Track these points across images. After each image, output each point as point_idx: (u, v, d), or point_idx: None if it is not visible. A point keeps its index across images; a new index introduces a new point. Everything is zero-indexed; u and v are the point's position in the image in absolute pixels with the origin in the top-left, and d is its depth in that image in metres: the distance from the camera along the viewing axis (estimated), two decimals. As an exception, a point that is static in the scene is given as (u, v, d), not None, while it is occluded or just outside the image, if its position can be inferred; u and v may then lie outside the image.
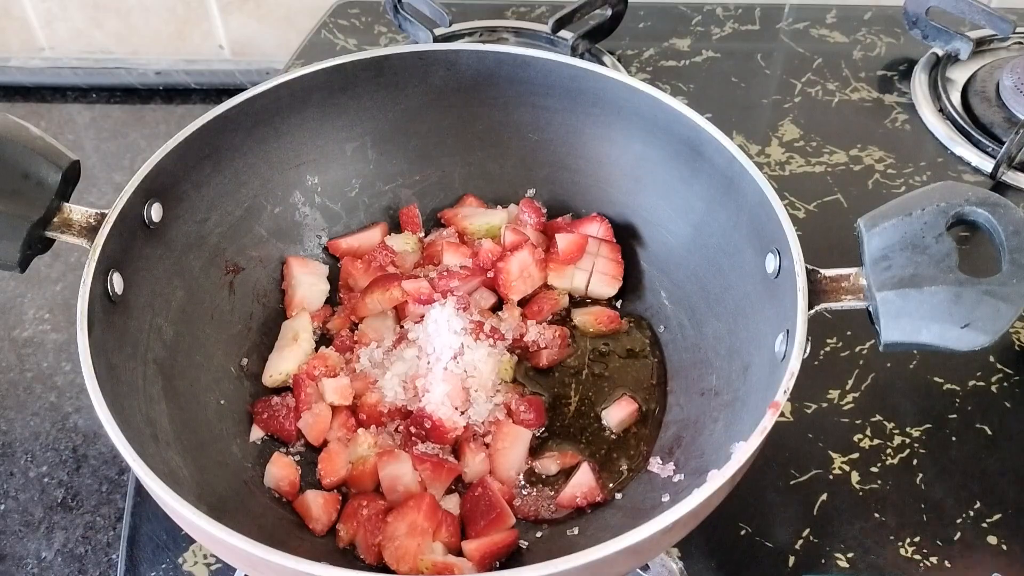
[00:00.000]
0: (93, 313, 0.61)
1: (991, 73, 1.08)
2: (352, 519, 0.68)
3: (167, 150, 0.70)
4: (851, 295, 0.63)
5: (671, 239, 0.80)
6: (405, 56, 0.80)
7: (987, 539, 0.72)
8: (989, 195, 0.62)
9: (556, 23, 1.05)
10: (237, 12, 1.28)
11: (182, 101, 1.30)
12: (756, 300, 0.69)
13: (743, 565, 0.71)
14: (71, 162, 0.67)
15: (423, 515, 0.66)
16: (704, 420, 0.71)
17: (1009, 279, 0.59)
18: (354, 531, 0.67)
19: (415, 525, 0.65)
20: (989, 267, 0.60)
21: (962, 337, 0.59)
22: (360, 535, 0.67)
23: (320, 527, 0.68)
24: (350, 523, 0.68)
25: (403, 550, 0.65)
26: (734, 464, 0.55)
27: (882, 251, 0.61)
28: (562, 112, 0.81)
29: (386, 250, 0.83)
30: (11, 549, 0.81)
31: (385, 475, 0.69)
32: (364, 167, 0.85)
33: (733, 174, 0.70)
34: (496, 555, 0.66)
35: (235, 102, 0.75)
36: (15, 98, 1.29)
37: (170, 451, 0.64)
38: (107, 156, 1.21)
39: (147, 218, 0.69)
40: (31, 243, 0.65)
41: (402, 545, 0.65)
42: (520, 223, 0.84)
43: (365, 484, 0.70)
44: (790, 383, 0.58)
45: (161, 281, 0.72)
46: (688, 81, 1.10)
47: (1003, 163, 0.97)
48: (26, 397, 0.92)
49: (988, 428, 0.79)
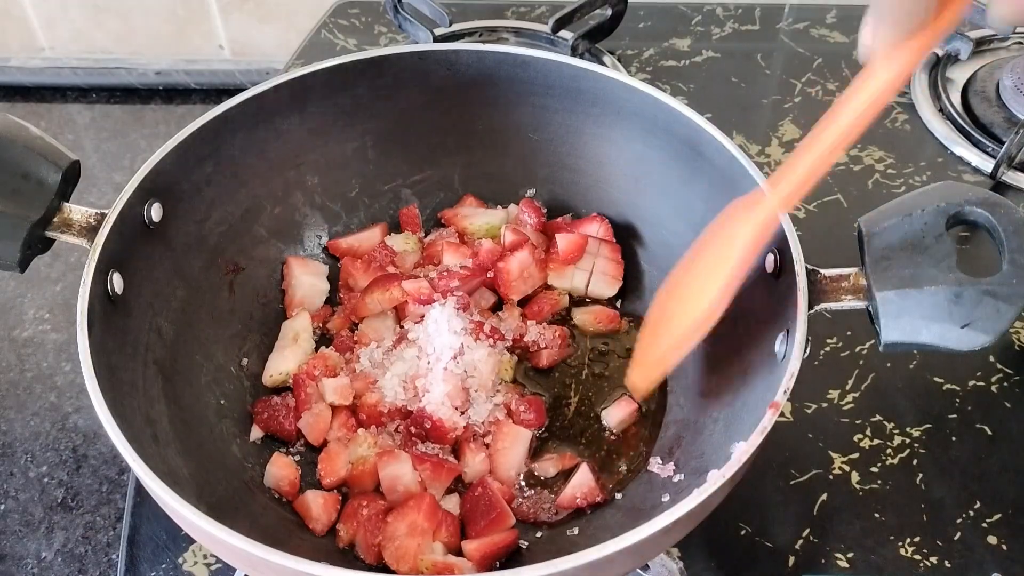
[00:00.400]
0: (93, 313, 0.61)
1: (991, 73, 1.07)
2: (352, 519, 0.68)
3: (167, 150, 0.70)
4: (851, 295, 0.63)
5: (671, 239, 0.80)
6: (405, 56, 0.80)
7: (987, 539, 0.72)
8: (989, 195, 0.62)
9: (556, 23, 1.05)
10: (237, 12, 1.28)
11: (182, 101, 1.30)
12: (756, 300, 0.69)
13: (743, 565, 0.71)
14: (71, 162, 0.67)
15: (423, 515, 0.66)
16: (704, 420, 0.71)
17: (1009, 279, 0.59)
18: (354, 531, 0.67)
19: (415, 525, 0.65)
20: (989, 267, 0.60)
21: (962, 337, 0.60)
22: (360, 535, 0.67)
23: (320, 527, 0.68)
24: (350, 523, 0.68)
25: (403, 550, 0.65)
26: (734, 464, 0.55)
27: (882, 251, 0.61)
28: (562, 112, 0.81)
29: (386, 250, 0.83)
30: (11, 549, 0.81)
31: (385, 475, 0.69)
32: (364, 167, 0.85)
33: (733, 174, 0.70)
34: (496, 555, 0.66)
35: (235, 102, 0.75)
36: (15, 98, 1.29)
37: (170, 451, 0.64)
38: (107, 156, 1.21)
39: (147, 218, 0.69)
40: (31, 243, 0.65)
41: (402, 545, 0.65)
42: (520, 223, 0.84)
43: (365, 484, 0.70)
44: (790, 383, 0.58)
45: (161, 281, 0.71)
46: (688, 81, 1.10)
47: (1003, 163, 0.97)
48: (26, 397, 0.92)
49: (988, 428, 0.79)
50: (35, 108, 1.28)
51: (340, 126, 0.82)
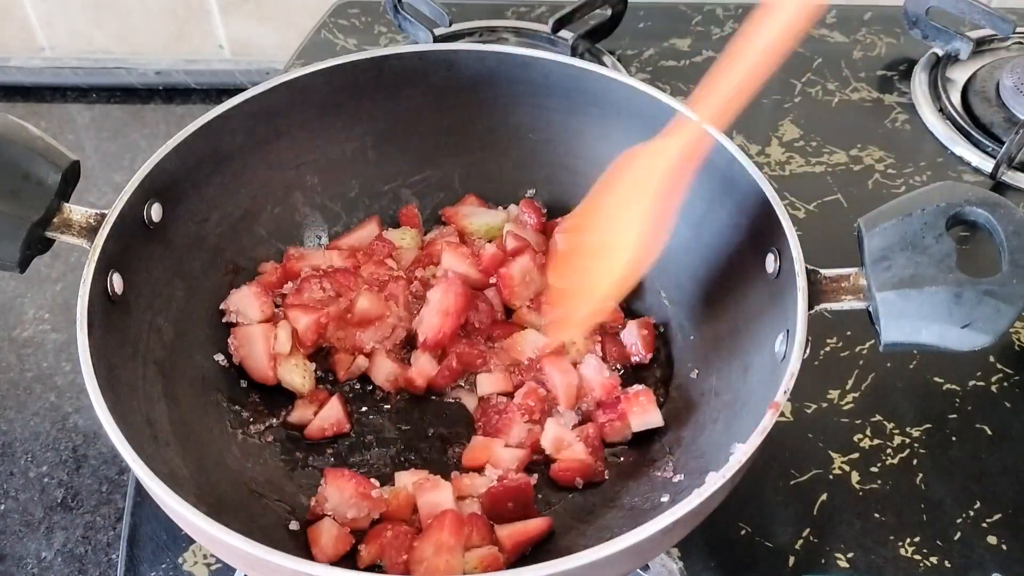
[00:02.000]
0: (93, 313, 0.61)
1: (991, 73, 1.07)
2: (376, 540, 0.66)
3: (167, 150, 0.70)
4: (851, 295, 0.63)
5: (671, 239, 0.80)
6: (405, 56, 0.80)
7: (987, 539, 0.72)
8: (989, 195, 0.62)
9: (556, 23, 1.05)
10: (237, 12, 1.28)
11: (182, 101, 1.30)
12: (756, 300, 0.69)
13: (743, 565, 0.71)
14: (71, 162, 0.67)
15: (447, 532, 0.64)
16: (704, 420, 0.71)
17: (1009, 279, 0.59)
18: (378, 552, 0.66)
19: (441, 544, 0.64)
20: (989, 267, 0.60)
21: (962, 337, 0.59)
22: (387, 555, 0.65)
23: (324, 558, 0.66)
24: (374, 544, 0.66)
25: (432, 570, 0.63)
26: (734, 464, 0.55)
27: (882, 251, 0.61)
28: (562, 112, 0.81)
29: (384, 242, 0.82)
30: (11, 549, 0.81)
31: (424, 503, 0.68)
32: (364, 167, 0.85)
33: (733, 174, 0.70)
34: (528, 542, 0.66)
35: (235, 102, 0.75)
36: (15, 98, 1.29)
37: (170, 451, 0.64)
38: (107, 156, 1.21)
39: (147, 218, 0.69)
40: (31, 243, 0.65)
41: (431, 566, 0.63)
42: (520, 224, 0.84)
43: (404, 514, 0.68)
44: (790, 383, 0.58)
45: (161, 281, 0.71)
46: (688, 81, 1.10)
47: (1003, 163, 0.97)
48: (26, 397, 0.92)
49: (988, 428, 0.79)
50: (35, 108, 1.28)
51: (340, 126, 0.82)
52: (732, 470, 0.55)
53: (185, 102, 1.29)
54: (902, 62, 1.12)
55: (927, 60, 1.10)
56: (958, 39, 1.07)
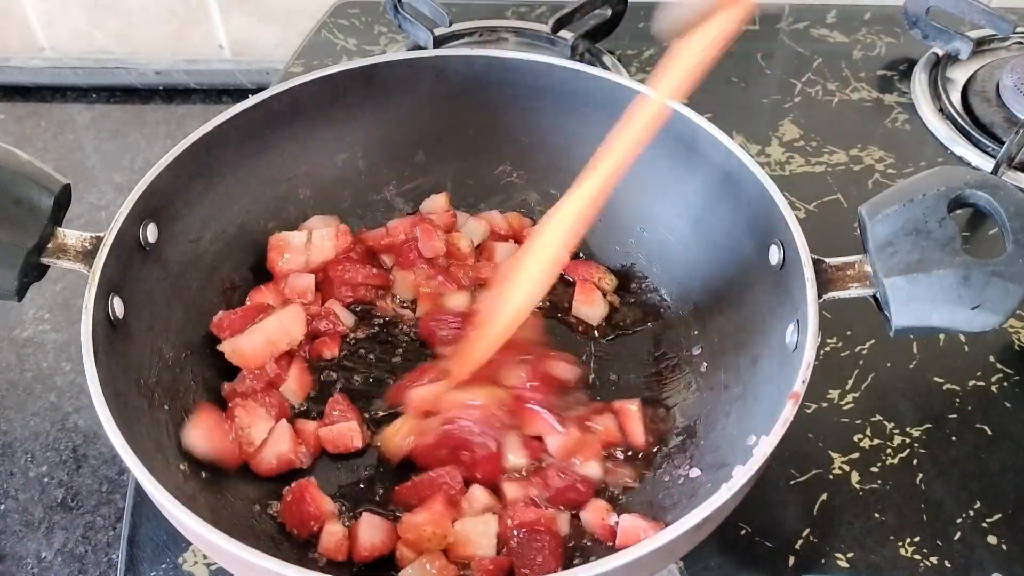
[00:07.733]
0: (97, 339, 0.60)
1: (991, 73, 1.07)
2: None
3: (159, 170, 0.70)
4: (857, 282, 0.63)
5: (670, 236, 0.81)
6: (394, 64, 0.80)
7: (987, 539, 0.72)
8: (988, 177, 0.62)
9: (556, 23, 1.05)
10: (237, 12, 1.28)
11: (182, 101, 1.30)
12: (761, 293, 0.70)
13: (743, 565, 0.71)
14: (62, 186, 0.66)
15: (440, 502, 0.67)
16: (716, 415, 0.71)
17: (1015, 259, 0.59)
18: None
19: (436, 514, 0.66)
20: (990, 251, 0.60)
21: (973, 318, 0.59)
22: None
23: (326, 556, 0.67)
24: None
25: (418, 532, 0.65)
26: (759, 457, 0.55)
27: (887, 237, 0.61)
28: (553, 114, 0.81)
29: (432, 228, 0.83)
30: (11, 549, 0.81)
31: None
32: (355, 177, 0.85)
33: (730, 169, 0.70)
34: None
35: (224, 118, 0.74)
36: (15, 98, 1.29)
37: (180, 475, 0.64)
38: (107, 156, 1.21)
39: (143, 239, 0.69)
40: (27, 271, 0.64)
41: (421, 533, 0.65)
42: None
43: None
44: (807, 373, 0.58)
45: (160, 303, 0.71)
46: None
47: (1003, 163, 0.97)
48: (26, 397, 0.92)
49: (988, 428, 0.78)
50: (35, 108, 1.28)
51: (330, 137, 0.82)
52: (758, 463, 0.55)
53: (185, 102, 1.29)
54: (902, 62, 1.12)
55: (927, 60, 1.10)
56: (958, 39, 1.07)
